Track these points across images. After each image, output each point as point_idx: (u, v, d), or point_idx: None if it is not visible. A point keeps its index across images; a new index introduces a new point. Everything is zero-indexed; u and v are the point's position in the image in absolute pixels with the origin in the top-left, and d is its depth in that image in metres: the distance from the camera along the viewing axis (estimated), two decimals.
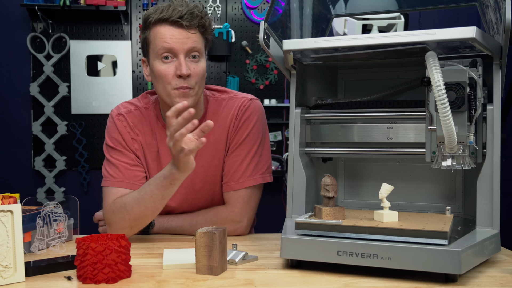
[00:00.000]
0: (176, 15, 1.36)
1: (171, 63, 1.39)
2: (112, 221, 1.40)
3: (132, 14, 3.53)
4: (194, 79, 1.40)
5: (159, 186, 1.32)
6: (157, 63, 1.40)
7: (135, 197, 1.37)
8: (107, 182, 1.47)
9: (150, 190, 1.34)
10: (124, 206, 1.38)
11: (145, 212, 1.36)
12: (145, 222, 1.40)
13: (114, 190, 1.45)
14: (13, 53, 3.49)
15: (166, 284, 1.02)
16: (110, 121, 1.53)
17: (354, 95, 1.48)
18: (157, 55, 1.39)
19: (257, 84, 3.55)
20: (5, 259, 1.03)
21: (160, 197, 1.33)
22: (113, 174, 1.46)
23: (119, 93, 3.51)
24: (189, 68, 1.38)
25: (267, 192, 1.79)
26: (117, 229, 1.39)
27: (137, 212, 1.36)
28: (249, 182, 1.49)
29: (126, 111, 1.52)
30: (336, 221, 1.10)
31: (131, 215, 1.37)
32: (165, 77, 1.39)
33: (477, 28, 1.04)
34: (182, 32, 1.37)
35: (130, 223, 1.38)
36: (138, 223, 1.38)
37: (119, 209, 1.38)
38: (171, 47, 1.37)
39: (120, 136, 1.49)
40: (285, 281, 1.04)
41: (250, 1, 3.55)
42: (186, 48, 1.38)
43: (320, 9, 1.58)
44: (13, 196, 1.28)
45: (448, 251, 0.99)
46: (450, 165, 1.15)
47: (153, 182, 1.35)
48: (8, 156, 3.50)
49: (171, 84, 1.39)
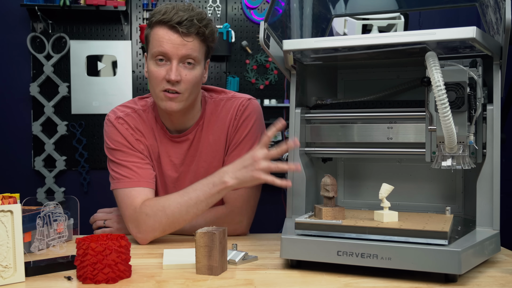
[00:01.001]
0: (176, 19, 1.36)
1: (164, 66, 1.39)
2: (144, 224, 1.37)
3: (132, 14, 3.53)
4: (184, 85, 1.40)
5: (207, 192, 1.33)
6: (151, 63, 1.41)
7: (177, 201, 1.35)
8: (122, 183, 1.44)
9: (196, 196, 1.34)
10: (163, 210, 1.35)
11: (185, 218, 1.35)
12: (179, 227, 1.38)
13: (136, 190, 1.42)
14: (13, 53, 3.49)
15: (166, 284, 1.02)
16: (109, 125, 1.50)
17: (354, 95, 1.48)
18: (152, 56, 1.40)
19: (257, 84, 3.55)
20: (5, 259, 1.03)
21: (205, 204, 1.34)
22: (127, 174, 1.44)
23: (119, 93, 3.51)
24: (179, 74, 1.38)
25: (267, 192, 1.79)
26: (148, 232, 1.37)
27: (177, 216, 1.35)
28: None
29: (124, 114, 1.51)
30: (336, 221, 1.10)
31: (169, 219, 1.35)
32: (156, 78, 1.40)
33: (477, 28, 1.04)
34: (178, 37, 1.37)
35: (165, 227, 1.37)
36: (173, 227, 1.37)
37: (156, 212, 1.36)
38: (165, 51, 1.37)
39: (123, 138, 1.48)
40: (285, 281, 1.04)
41: (250, 1, 3.55)
42: (180, 54, 1.38)
43: (320, 9, 1.58)
44: (13, 196, 1.28)
45: (448, 251, 0.99)
46: (450, 165, 1.15)
47: (199, 188, 1.34)
48: (8, 156, 3.50)
49: (160, 86, 1.40)
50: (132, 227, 1.40)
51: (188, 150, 1.52)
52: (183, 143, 1.52)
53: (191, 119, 1.51)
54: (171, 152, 1.52)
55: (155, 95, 1.43)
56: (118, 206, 1.47)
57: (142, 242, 1.39)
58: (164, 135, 1.52)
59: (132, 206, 1.40)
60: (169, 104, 1.40)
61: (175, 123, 1.50)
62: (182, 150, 1.52)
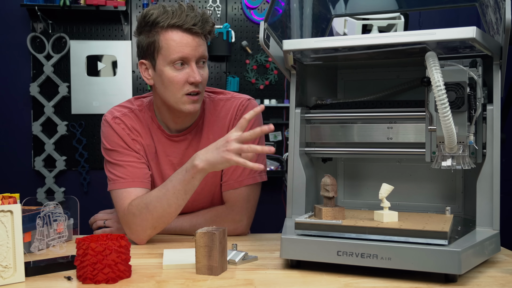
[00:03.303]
0: (190, 22, 1.36)
1: (183, 70, 1.39)
2: (133, 224, 1.37)
3: (132, 14, 3.53)
4: (202, 84, 1.43)
5: (181, 180, 1.32)
6: (168, 70, 1.39)
7: (157, 195, 1.35)
8: (116, 184, 1.44)
9: (172, 186, 1.34)
10: (146, 207, 1.35)
11: (168, 210, 1.35)
12: (168, 221, 1.38)
13: (127, 191, 1.42)
14: (13, 53, 3.49)
15: (166, 284, 1.02)
16: (106, 126, 1.50)
17: (354, 95, 1.48)
18: (170, 62, 1.38)
19: (257, 84, 3.55)
20: (5, 259, 1.03)
21: (183, 192, 1.33)
22: (121, 175, 1.44)
23: (119, 93, 3.51)
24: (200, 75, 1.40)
25: (267, 192, 1.79)
26: (139, 232, 1.37)
27: (160, 210, 1.35)
28: (249, 181, 1.49)
29: (121, 114, 1.51)
30: (336, 221, 1.10)
31: (154, 215, 1.35)
32: (177, 83, 1.39)
33: (477, 28, 1.04)
34: (194, 39, 1.38)
35: (153, 223, 1.36)
36: (161, 222, 1.37)
37: (141, 210, 1.36)
38: (186, 56, 1.38)
39: (119, 138, 1.48)
40: (285, 281, 1.04)
41: (250, 1, 3.55)
42: (197, 56, 1.39)
43: (320, 9, 1.58)
44: (13, 196, 1.28)
45: (448, 251, 0.99)
46: (450, 165, 1.15)
47: (174, 178, 1.34)
48: (8, 156, 3.50)
49: (182, 90, 1.40)
50: (125, 228, 1.41)
51: (186, 149, 1.52)
52: (182, 142, 1.52)
53: (192, 118, 1.51)
54: (169, 152, 1.52)
55: (175, 100, 1.41)
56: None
57: (138, 242, 1.39)
58: (161, 134, 1.52)
59: (122, 207, 1.41)
60: (193, 106, 1.41)
61: (179, 123, 1.50)
62: (181, 150, 1.52)
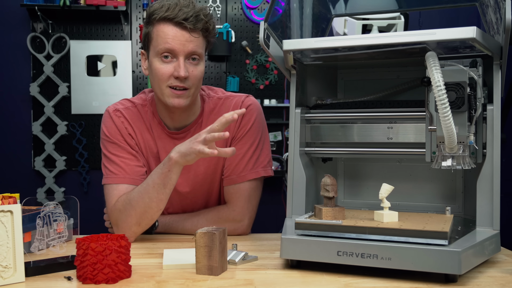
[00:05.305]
0: (182, 16, 1.36)
1: (170, 63, 1.39)
2: (120, 220, 1.39)
3: (132, 14, 3.53)
4: (191, 81, 1.41)
5: (159, 173, 1.33)
6: (156, 61, 1.41)
7: (139, 190, 1.37)
8: (108, 179, 1.46)
9: (152, 180, 1.35)
10: (129, 202, 1.37)
11: (150, 205, 1.35)
12: (151, 217, 1.38)
13: (117, 187, 1.43)
14: (13, 53, 3.49)
15: (166, 284, 1.02)
16: (107, 116, 1.52)
17: (354, 95, 1.48)
18: (157, 53, 1.40)
19: (257, 84, 3.55)
20: (5, 259, 1.03)
21: (162, 185, 1.33)
22: (114, 170, 1.46)
23: (119, 93, 3.50)
24: (187, 71, 1.39)
25: (267, 192, 1.79)
26: (125, 228, 1.38)
27: (142, 205, 1.35)
28: (251, 175, 1.49)
29: (123, 107, 1.53)
30: (336, 221, 1.10)
31: (137, 210, 1.36)
32: (162, 75, 1.40)
33: (477, 28, 1.04)
34: (185, 34, 1.38)
35: (137, 219, 1.37)
36: (145, 217, 1.37)
37: (125, 206, 1.37)
38: (172, 48, 1.38)
39: (117, 130, 1.49)
40: (285, 281, 1.04)
41: (250, 1, 3.55)
42: (186, 51, 1.39)
43: (320, 9, 1.58)
44: (13, 196, 1.28)
45: (448, 251, 0.99)
46: (450, 165, 1.15)
47: (154, 172, 1.36)
48: (8, 156, 3.50)
49: (166, 82, 1.40)
50: (113, 226, 1.42)
51: None
52: (183, 139, 1.52)
53: (191, 115, 1.51)
54: (169, 149, 1.52)
55: (160, 91, 1.43)
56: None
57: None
58: (162, 130, 1.52)
59: (110, 204, 1.43)
60: (177, 101, 1.41)
61: (175, 120, 1.50)
62: None
